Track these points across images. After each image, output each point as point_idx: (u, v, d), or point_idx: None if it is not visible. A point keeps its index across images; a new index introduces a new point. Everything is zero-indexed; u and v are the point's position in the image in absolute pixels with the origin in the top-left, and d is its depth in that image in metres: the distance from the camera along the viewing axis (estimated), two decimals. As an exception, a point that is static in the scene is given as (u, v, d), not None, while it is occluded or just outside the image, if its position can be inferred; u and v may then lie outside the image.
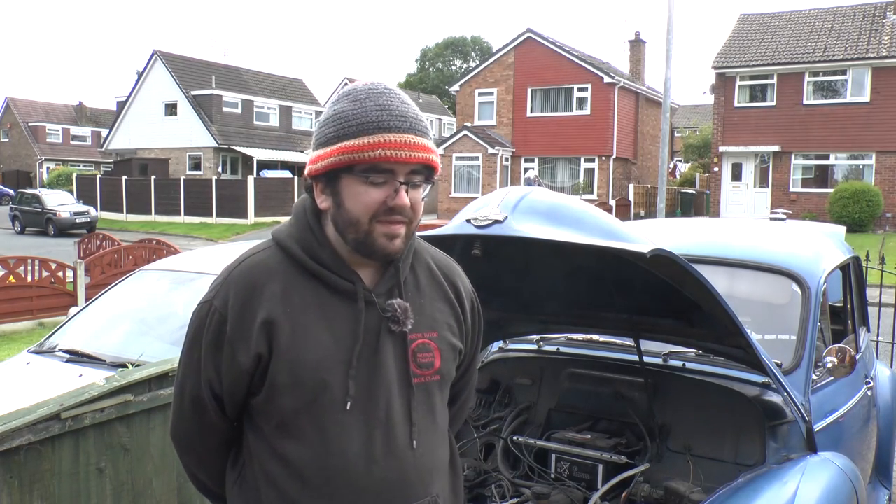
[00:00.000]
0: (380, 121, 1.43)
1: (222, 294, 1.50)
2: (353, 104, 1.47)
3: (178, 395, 1.62)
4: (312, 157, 1.51)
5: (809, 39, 27.13)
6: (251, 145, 39.08)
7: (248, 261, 1.53)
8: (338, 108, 1.49)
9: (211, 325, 1.50)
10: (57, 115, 58.72)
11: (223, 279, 1.53)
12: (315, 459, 1.45)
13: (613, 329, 3.01)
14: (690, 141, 45.37)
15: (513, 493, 2.81)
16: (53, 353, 5.01)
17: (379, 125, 1.43)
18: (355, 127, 1.44)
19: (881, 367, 4.32)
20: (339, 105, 1.49)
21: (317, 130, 1.52)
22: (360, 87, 1.50)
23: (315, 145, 1.51)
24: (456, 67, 68.58)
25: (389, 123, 1.43)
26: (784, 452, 2.68)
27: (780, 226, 3.97)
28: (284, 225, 1.59)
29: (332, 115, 1.48)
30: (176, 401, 1.62)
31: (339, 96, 1.52)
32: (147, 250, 13.38)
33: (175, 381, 1.63)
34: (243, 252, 1.58)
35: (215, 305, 1.50)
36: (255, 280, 1.50)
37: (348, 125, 1.45)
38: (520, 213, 2.20)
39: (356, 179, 1.45)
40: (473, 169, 31.71)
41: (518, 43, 32.00)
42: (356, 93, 1.49)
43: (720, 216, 26.81)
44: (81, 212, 29.44)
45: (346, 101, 1.49)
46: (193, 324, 1.55)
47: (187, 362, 1.57)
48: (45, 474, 2.88)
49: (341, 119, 1.46)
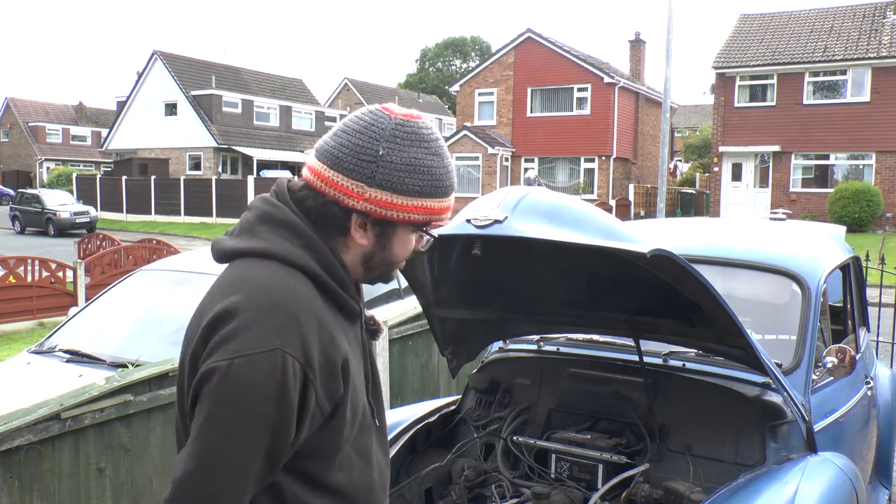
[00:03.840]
0: (452, 184, 1.47)
1: (293, 339, 1.28)
2: (436, 159, 1.43)
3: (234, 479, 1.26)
4: (376, 198, 1.39)
5: (809, 39, 27.13)
6: (251, 145, 39.08)
7: (291, 292, 1.33)
8: (417, 157, 1.41)
9: (293, 378, 1.27)
10: (57, 115, 58.74)
11: (284, 321, 1.29)
12: (362, 481, 1.46)
13: (613, 329, 3.01)
14: (690, 141, 45.39)
15: (513, 493, 2.81)
16: (53, 353, 5.01)
17: (452, 189, 1.47)
18: (442, 189, 1.44)
19: (881, 367, 4.32)
20: (417, 153, 1.41)
21: (383, 168, 1.38)
22: (432, 133, 1.45)
23: (381, 185, 1.38)
24: (456, 67, 68.60)
25: (454, 186, 1.49)
26: (784, 452, 2.68)
27: (780, 226, 3.97)
28: (293, 249, 1.39)
29: (411, 164, 1.40)
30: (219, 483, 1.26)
31: (405, 137, 1.41)
32: (147, 250, 13.38)
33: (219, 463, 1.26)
34: (265, 282, 1.34)
35: (291, 353, 1.27)
36: (319, 318, 1.34)
37: (434, 183, 1.42)
38: (520, 213, 2.21)
39: (411, 230, 1.46)
40: (473, 169, 31.71)
41: (518, 43, 32.01)
42: (434, 143, 1.44)
43: (720, 216, 26.81)
44: (81, 212, 29.44)
45: (422, 150, 1.41)
46: (257, 382, 1.25)
47: (248, 434, 1.25)
48: (45, 474, 2.88)
49: (426, 174, 1.41)
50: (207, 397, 1.27)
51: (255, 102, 41.01)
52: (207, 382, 1.27)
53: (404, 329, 5.00)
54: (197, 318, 1.40)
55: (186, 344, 1.41)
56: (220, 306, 1.32)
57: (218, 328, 1.30)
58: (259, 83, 43.76)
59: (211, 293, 1.40)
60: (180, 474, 1.26)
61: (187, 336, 1.42)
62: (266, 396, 1.25)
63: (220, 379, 1.25)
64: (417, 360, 5.20)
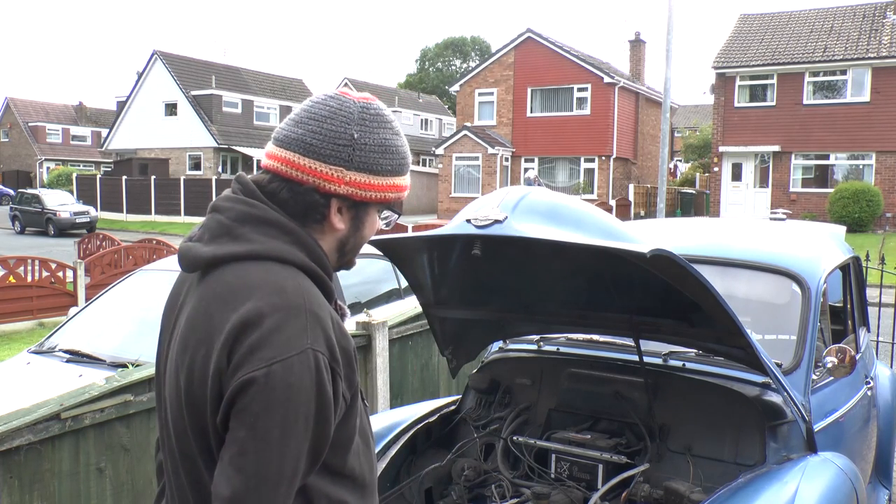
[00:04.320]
0: (410, 162, 1.52)
1: (318, 336, 1.29)
2: (398, 137, 1.48)
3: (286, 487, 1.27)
4: (356, 180, 1.41)
5: (809, 39, 27.13)
6: (251, 145, 39.07)
7: (303, 290, 1.34)
8: (386, 137, 1.45)
9: (326, 374, 1.29)
10: (57, 115, 58.73)
11: (308, 321, 1.29)
12: (368, 463, 1.49)
13: (613, 329, 3.01)
14: (690, 141, 45.37)
15: (513, 493, 2.81)
16: (53, 353, 5.01)
17: (409, 165, 1.52)
18: (406, 167, 1.50)
19: (881, 367, 4.32)
20: (385, 134, 1.45)
21: (359, 151, 1.41)
22: (387, 114, 1.49)
23: (359, 167, 1.41)
24: (456, 67, 68.59)
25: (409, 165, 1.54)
26: (784, 452, 2.68)
27: (780, 226, 3.97)
28: (286, 247, 1.38)
29: (383, 145, 1.44)
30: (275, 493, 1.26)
31: (372, 119, 1.44)
32: (147, 250, 13.38)
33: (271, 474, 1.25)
34: (275, 284, 1.32)
35: (320, 351, 1.29)
36: (328, 309, 1.37)
37: (402, 162, 1.48)
38: (520, 213, 2.21)
39: (377, 212, 1.50)
40: (473, 169, 31.71)
41: (518, 43, 32.00)
42: (393, 123, 1.49)
43: (720, 216, 26.81)
44: (81, 212, 29.45)
45: (388, 131, 1.46)
46: (297, 385, 1.25)
47: (301, 439, 1.27)
48: (45, 474, 2.88)
49: (396, 154, 1.47)
50: (246, 410, 1.24)
51: (255, 102, 41.01)
52: (243, 395, 1.24)
53: (404, 329, 5.00)
54: (201, 330, 1.33)
55: (190, 359, 1.33)
56: (235, 317, 1.28)
57: (241, 340, 1.26)
58: (259, 83, 43.76)
59: (209, 304, 1.34)
60: (230, 493, 1.23)
61: (188, 349, 1.34)
62: (308, 398, 1.26)
63: (259, 389, 1.23)
64: (417, 360, 5.20)
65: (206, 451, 1.34)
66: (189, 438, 1.36)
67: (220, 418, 1.29)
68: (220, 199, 1.44)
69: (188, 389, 1.34)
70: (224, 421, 1.28)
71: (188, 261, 1.40)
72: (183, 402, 1.36)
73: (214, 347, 1.29)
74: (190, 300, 1.41)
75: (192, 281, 1.44)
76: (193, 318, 1.36)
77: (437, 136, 48.47)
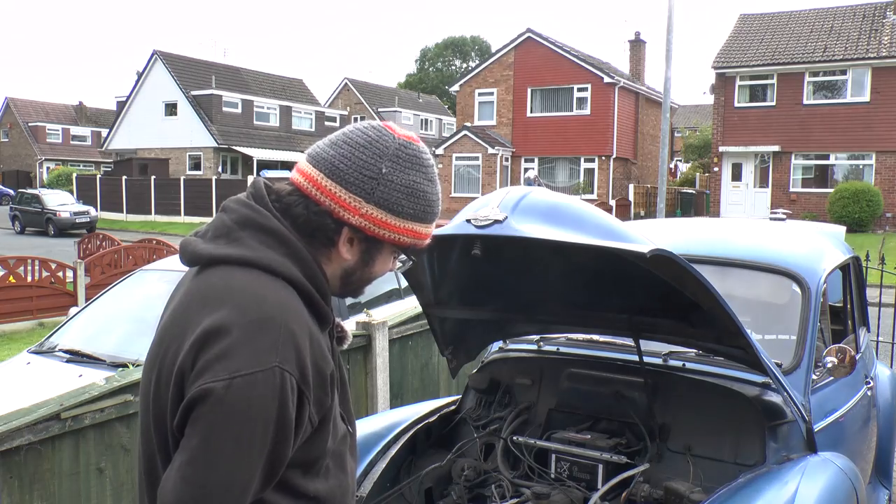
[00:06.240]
0: (439, 212, 1.48)
1: (289, 355, 1.25)
2: (430, 185, 1.44)
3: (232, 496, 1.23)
4: (372, 214, 1.38)
5: (809, 39, 27.13)
6: (251, 145, 39.08)
7: (282, 304, 1.30)
8: (416, 181, 1.41)
9: (291, 395, 1.25)
10: (57, 115, 58.73)
11: (279, 337, 1.25)
12: (339, 486, 1.46)
13: (613, 329, 3.01)
14: (690, 141, 45.36)
15: (513, 493, 2.81)
16: (53, 353, 5.01)
17: (438, 215, 1.48)
18: (432, 215, 1.45)
19: (881, 367, 4.32)
20: (416, 177, 1.41)
21: (384, 187, 1.38)
22: (427, 157, 1.45)
23: (379, 203, 1.38)
24: (456, 67, 68.61)
25: (439, 214, 1.50)
26: (784, 452, 2.68)
27: (780, 226, 3.97)
28: (278, 258, 1.34)
29: (410, 187, 1.40)
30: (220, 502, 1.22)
31: (407, 158, 1.40)
32: (147, 250, 13.38)
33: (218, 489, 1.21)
34: (254, 295, 1.29)
35: (288, 370, 1.24)
36: (311, 332, 1.33)
37: (427, 209, 1.43)
38: (520, 213, 2.21)
39: (393, 251, 1.47)
40: (473, 169, 31.71)
41: (518, 43, 32.01)
42: (430, 169, 1.45)
43: (720, 216, 26.81)
44: (81, 212, 29.45)
45: (420, 175, 1.42)
46: (257, 402, 1.21)
47: (251, 453, 1.23)
48: (45, 474, 2.88)
49: (422, 199, 1.42)
50: (202, 420, 1.22)
51: (255, 102, 41.00)
52: (201, 404, 1.21)
53: (404, 329, 5.00)
54: (176, 326, 1.33)
55: (163, 354, 1.32)
56: (208, 321, 1.26)
57: (209, 345, 1.24)
58: (259, 83, 43.76)
59: (190, 301, 1.34)
60: (174, 501, 1.21)
61: (163, 343, 1.34)
62: (268, 417, 1.22)
63: (217, 400, 1.20)
64: (417, 360, 5.20)
65: (163, 449, 1.33)
66: (151, 435, 1.35)
67: (176, 422, 1.27)
68: (230, 199, 1.44)
69: (157, 385, 1.33)
70: (181, 425, 1.26)
71: (186, 255, 1.41)
72: (150, 398, 1.35)
73: (183, 347, 1.27)
74: (179, 293, 1.42)
75: (187, 276, 1.45)
76: (174, 314, 1.37)
77: (437, 136, 48.46)
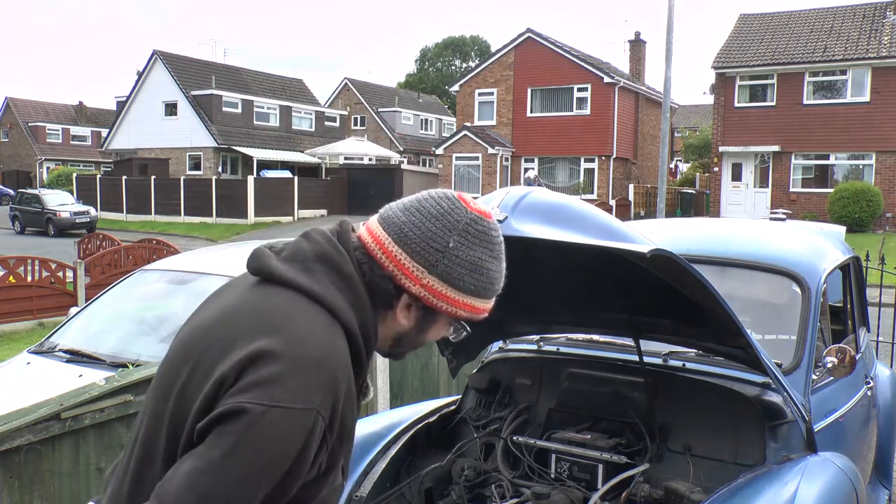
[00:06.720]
0: (500, 288, 1.49)
1: (328, 402, 1.28)
2: (496, 263, 1.45)
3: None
4: (433, 286, 1.40)
5: (809, 39, 27.14)
6: (251, 145, 39.07)
7: (335, 350, 1.32)
8: (481, 257, 1.42)
9: (317, 438, 1.28)
10: (57, 115, 58.74)
11: (326, 382, 1.28)
12: None
13: (613, 329, 3.01)
14: (690, 141, 45.38)
15: (513, 493, 2.81)
16: (53, 353, 5.01)
17: (498, 292, 1.49)
18: (493, 292, 1.47)
19: (881, 367, 4.32)
20: (482, 254, 1.42)
21: (448, 260, 1.39)
22: (497, 235, 1.45)
23: (441, 276, 1.39)
24: (456, 67, 68.61)
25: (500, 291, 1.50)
26: (784, 452, 2.68)
27: (780, 226, 3.97)
28: (344, 305, 1.37)
29: (475, 263, 1.41)
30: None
31: (476, 234, 1.41)
32: (147, 250, 13.39)
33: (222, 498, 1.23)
34: (313, 331, 1.31)
35: (323, 416, 1.27)
36: (351, 385, 1.34)
37: (488, 286, 1.44)
38: (520, 213, 2.20)
39: (449, 322, 1.49)
40: (473, 169, 31.71)
41: (518, 43, 32.02)
42: (498, 247, 1.45)
43: (720, 216, 26.81)
44: (81, 212, 29.45)
45: (486, 252, 1.42)
46: (290, 436, 1.24)
47: (262, 478, 1.24)
48: (45, 474, 2.88)
49: (484, 276, 1.43)
50: (230, 436, 1.22)
51: (255, 102, 40.99)
52: (234, 419, 1.22)
53: (404, 329, 4.99)
54: (226, 329, 1.34)
55: (203, 351, 1.34)
56: (265, 342, 1.27)
57: (258, 366, 1.25)
58: (259, 83, 43.76)
59: (247, 312, 1.35)
60: (173, 501, 1.21)
61: (206, 341, 1.35)
62: (291, 452, 1.25)
63: (252, 422, 1.22)
64: (417, 360, 5.20)
65: (170, 440, 1.33)
66: (163, 422, 1.35)
67: (201, 425, 1.27)
68: (316, 230, 1.46)
69: (189, 378, 1.34)
70: (203, 431, 1.26)
71: (258, 264, 1.42)
72: (176, 388, 1.35)
73: (229, 356, 1.28)
74: (233, 294, 1.43)
75: (244, 280, 1.45)
76: (224, 315, 1.37)
77: (437, 136, 48.48)
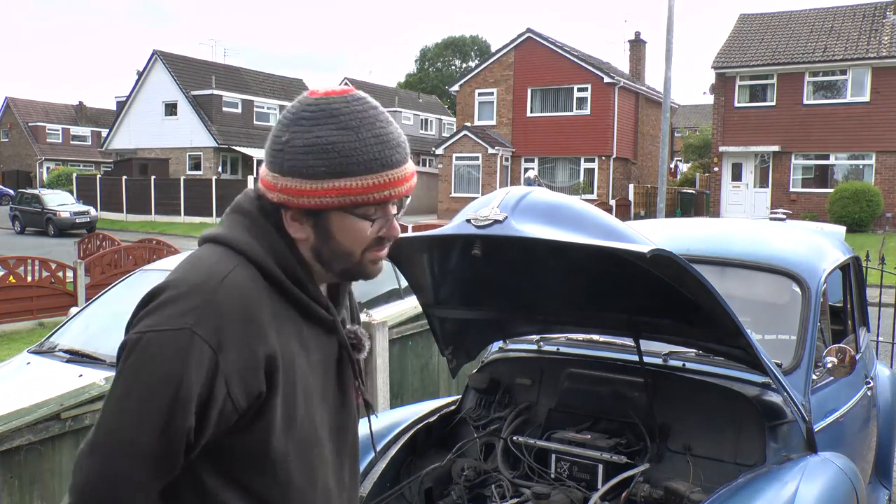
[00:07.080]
0: (382, 157, 1.31)
1: (208, 322, 1.23)
2: (345, 133, 1.29)
3: (119, 450, 1.22)
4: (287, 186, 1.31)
5: (809, 39, 27.13)
6: (251, 145, 39.07)
7: (229, 281, 1.27)
8: (320, 136, 1.29)
9: (198, 360, 1.22)
10: (57, 115, 58.72)
11: (203, 303, 1.24)
12: (300, 495, 1.38)
13: (613, 329, 3.01)
14: (690, 141, 45.37)
15: (513, 493, 2.81)
16: (53, 353, 5.01)
17: (382, 162, 1.31)
18: (356, 166, 1.29)
19: (881, 367, 4.32)
20: (321, 132, 1.29)
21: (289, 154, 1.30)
22: (342, 107, 1.31)
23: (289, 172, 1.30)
24: (456, 67, 68.59)
25: (391, 158, 1.32)
26: (784, 452, 2.68)
27: (780, 226, 3.97)
28: (246, 237, 1.34)
29: (315, 145, 1.29)
30: (106, 457, 1.23)
31: (313, 115, 1.31)
32: (147, 250, 13.39)
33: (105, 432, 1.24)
34: (202, 264, 1.31)
35: (200, 335, 1.22)
36: (247, 306, 1.27)
37: (347, 163, 1.29)
38: (520, 213, 2.21)
39: (349, 215, 1.34)
40: (473, 169, 31.71)
41: (518, 43, 32.01)
42: (342, 117, 1.30)
43: (720, 216, 26.81)
44: (81, 212, 29.45)
45: (328, 128, 1.29)
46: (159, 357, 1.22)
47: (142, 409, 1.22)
48: (45, 474, 2.88)
49: (331, 152, 1.29)
50: (118, 371, 1.27)
51: (255, 102, 41.01)
52: (120, 356, 1.27)
53: (404, 329, 5.00)
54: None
55: None
56: (154, 285, 1.31)
57: (145, 304, 1.29)
58: (259, 83, 43.76)
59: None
60: (83, 446, 1.28)
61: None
62: (170, 375, 1.21)
63: (127, 352, 1.25)
64: (417, 360, 5.20)
65: None
66: None
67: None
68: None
69: None
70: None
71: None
72: None
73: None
74: None
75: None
76: None
77: (437, 136, 48.45)
